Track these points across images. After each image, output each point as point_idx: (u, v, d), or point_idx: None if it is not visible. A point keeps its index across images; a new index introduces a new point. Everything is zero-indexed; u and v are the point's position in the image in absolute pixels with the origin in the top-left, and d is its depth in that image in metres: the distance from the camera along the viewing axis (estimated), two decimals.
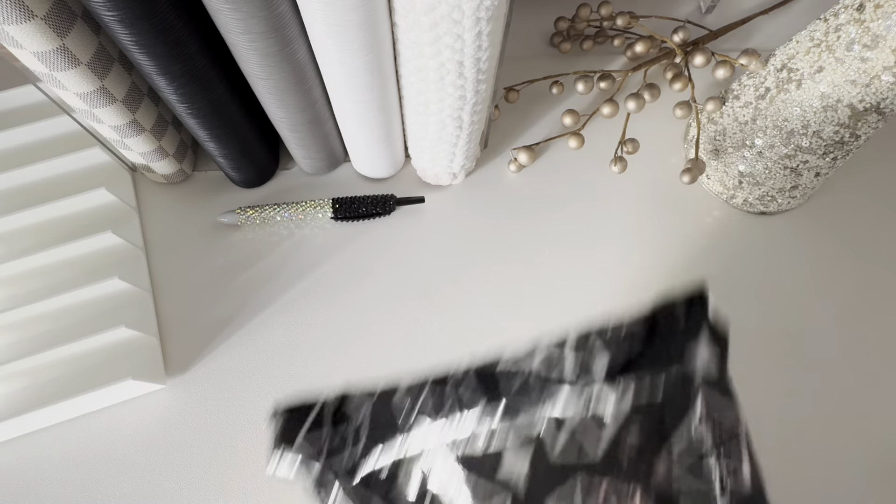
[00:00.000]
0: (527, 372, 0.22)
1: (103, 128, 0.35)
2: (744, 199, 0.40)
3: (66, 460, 0.35)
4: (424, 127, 0.35)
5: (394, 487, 0.22)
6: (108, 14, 0.26)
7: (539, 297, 0.39)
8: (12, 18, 0.26)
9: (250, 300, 0.39)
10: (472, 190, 0.42)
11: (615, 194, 0.42)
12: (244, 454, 0.35)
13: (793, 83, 0.33)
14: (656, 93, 0.38)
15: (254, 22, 0.27)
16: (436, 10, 0.26)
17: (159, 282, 0.39)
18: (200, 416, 0.36)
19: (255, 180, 0.41)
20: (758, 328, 0.38)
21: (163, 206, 0.41)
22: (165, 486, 0.34)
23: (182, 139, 0.40)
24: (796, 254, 0.40)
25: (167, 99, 0.32)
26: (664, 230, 0.41)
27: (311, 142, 0.38)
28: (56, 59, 0.29)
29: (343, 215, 0.40)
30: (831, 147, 0.34)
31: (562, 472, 0.21)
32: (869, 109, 0.31)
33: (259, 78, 0.31)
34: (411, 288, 0.39)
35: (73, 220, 0.39)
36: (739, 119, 0.37)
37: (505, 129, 0.44)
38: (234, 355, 0.37)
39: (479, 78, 0.30)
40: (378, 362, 0.37)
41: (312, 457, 0.22)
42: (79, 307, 0.37)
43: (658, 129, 0.44)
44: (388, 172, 0.42)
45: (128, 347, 0.36)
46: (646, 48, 0.43)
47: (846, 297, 0.39)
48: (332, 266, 0.40)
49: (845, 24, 0.30)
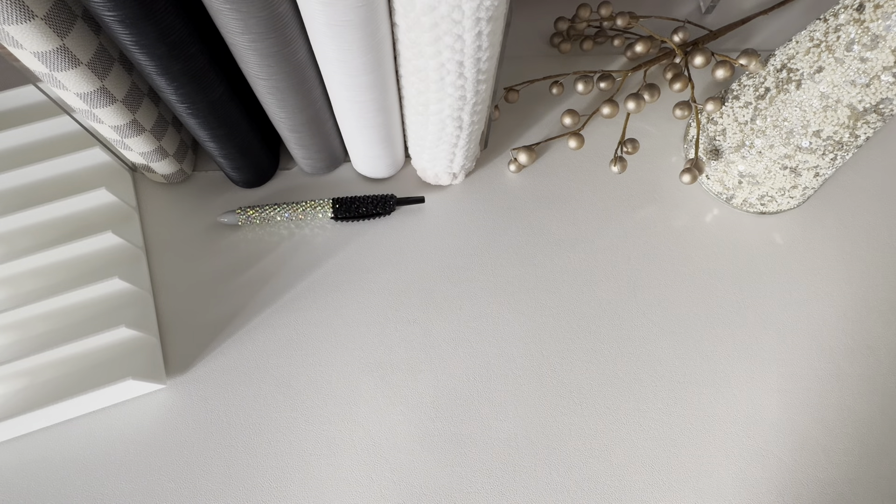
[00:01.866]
0: None
1: (103, 128, 0.35)
2: (744, 199, 0.40)
3: (66, 460, 0.35)
4: (424, 127, 0.35)
5: None
6: (108, 14, 0.26)
7: (539, 296, 0.39)
8: (12, 18, 0.26)
9: (250, 300, 0.39)
10: (472, 190, 0.42)
11: (615, 194, 0.42)
12: (244, 454, 0.35)
13: (792, 83, 0.33)
14: (656, 93, 0.38)
15: (254, 22, 0.27)
16: (436, 10, 0.26)
17: (159, 282, 0.39)
18: (200, 416, 0.36)
19: (255, 180, 0.41)
20: (757, 328, 0.38)
21: (163, 206, 0.41)
22: (165, 486, 0.34)
23: (182, 139, 0.40)
24: (796, 254, 0.40)
25: (167, 99, 0.32)
26: (664, 230, 0.41)
27: (311, 142, 0.38)
28: (56, 60, 0.29)
29: (343, 215, 0.40)
30: (831, 147, 0.34)
31: None
32: (869, 109, 0.31)
33: (259, 78, 0.31)
34: (411, 288, 0.39)
35: (73, 220, 0.39)
36: (739, 119, 0.37)
37: (505, 129, 0.44)
38: (234, 355, 0.37)
39: (479, 78, 0.30)
40: (378, 363, 0.37)
41: None
42: (79, 307, 0.37)
43: (658, 129, 0.44)
44: (388, 172, 0.42)
45: (128, 347, 0.36)
46: (646, 48, 0.43)
47: (846, 297, 0.39)
48: (332, 266, 0.40)
49: (845, 25, 0.30)
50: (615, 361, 0.37)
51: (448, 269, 0.40)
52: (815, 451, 0.35)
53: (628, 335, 0.38)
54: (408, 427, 0.36)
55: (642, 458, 0.35)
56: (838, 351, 0.38)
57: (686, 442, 0.35)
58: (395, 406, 0.36)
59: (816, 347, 0.38)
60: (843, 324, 0.38)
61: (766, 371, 0.37)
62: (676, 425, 0.36)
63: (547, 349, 0.38)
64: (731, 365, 0.37)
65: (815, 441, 0.35)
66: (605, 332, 0.38)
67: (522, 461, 0.35)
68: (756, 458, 0.35)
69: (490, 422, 0.36)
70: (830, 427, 0.36)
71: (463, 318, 0.38)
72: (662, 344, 0.38)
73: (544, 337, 0.38)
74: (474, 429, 0.36)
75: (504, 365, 0.37)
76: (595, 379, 0.37)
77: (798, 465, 0.35)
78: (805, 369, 0.37)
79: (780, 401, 0.36)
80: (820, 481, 0.35)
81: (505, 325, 0.38)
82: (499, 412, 0.36)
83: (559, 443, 0.35)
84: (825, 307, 0.39)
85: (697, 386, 0.37)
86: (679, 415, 0.36)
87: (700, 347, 0.38)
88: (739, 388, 0.37)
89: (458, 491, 0.34)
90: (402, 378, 0.37)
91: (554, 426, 0.36)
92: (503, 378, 0.37)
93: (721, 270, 0.40)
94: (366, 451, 0.35)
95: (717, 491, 0.34)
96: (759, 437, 0.35)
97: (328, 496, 0.34)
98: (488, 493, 0.34)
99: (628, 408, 0.36)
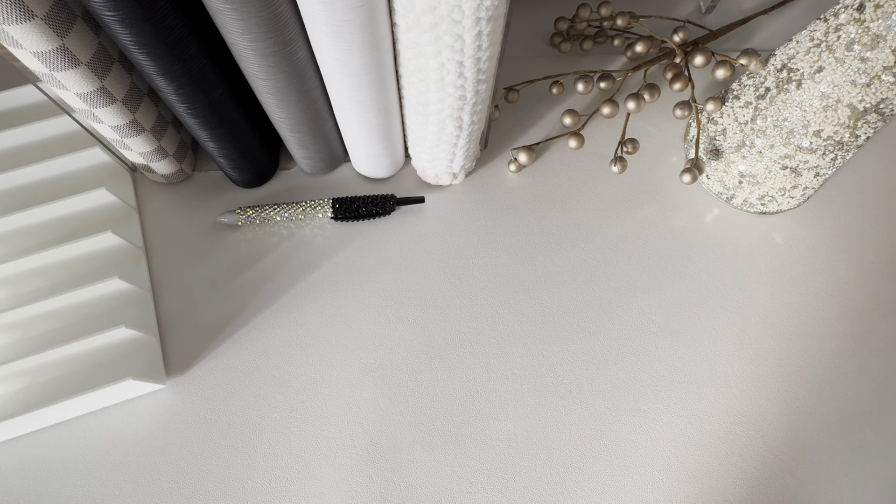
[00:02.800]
0: None
1: (103, 128, 0.35)
2: (744, 199, 0.40)
3: (66, 460, 0.35)
4: (424, 127, 0.35)
5: None
6: (108, 14, 0.26)
7: (539, 296, 0.39)
8: (12, 18, 0.26)
9: (250, 300, 0.39)
10: (472, 190, 0.42)
11: (615, 194, 0.42)
12: (244, 454, 0.35)
13: (793, 83, 0.33)
14: (656, 93, 0.38)
15: (254, 22, 0.27)
16: (436, 10, 0.26)
17: (159, 282, 0.39)
18: (200, 416, 0.36)
19: (255, 180, 0.41)
20: (757, 328, 0.38)
21: (163, 206, 0.41)
22: (165, 486, 0.34)
23: (182, 139, 0.40)
24: (796, 254, 0.40)
25: (167, 99, 0.32)
26: (664, 230, 0.41)
27: (310, 142, 0.38)
28: (56, 59, 0.29)
29: (343, 215, 0.40)
30: (831, 147, 0.34)
31: None
32: (869, 109, 0.31)
33: (259, 78, 0.31)
34: (411, 288, 0.39)
35: (73, 220, 0.39)
36: (739, 119, 0.37)
37: (505, 129, 0.44)
38: (234, 355, 0.37)
39: (479, 78, 0.30)
40: (378, 363, 0.37)
41: None
42: (79, 307, 0.37)
43: (658, 129, 0.44)
44: (388, 172, 0.42)
45: (128, 347, 0.36)
46: (646, 48, 0.43)
47: (846, 297, 0.39)
48: (332, 266, 0.40)
49: (845, 24, 0.30)
50: (615, 361, 0.37)
51: (448, 269, 0.40)
52: (815, 450, 0.35)
53: (628, 335, 0.38)
54: (408, 427, 0.36)
55: (642, 458, 0.35)
56: (838, 351, 0.38)
57: (686, 442, 0.35)
58: (395, 406, 0.36)
59: (816, 347, 0.38)
60: (843, 324, 0.38)
61: (766, 371, 0.37)
62: (676, 425, 0.36)
63: (547, 349, 0.38)
64: (731, 365, 0.37)
65: (815, 441, 0.35)
66: (605, 332, 0.38)
67: (522, 461, 0.35)
68: (756, 458, 0.35)
69: (490, 422, 0.36)
70: (831, 427, 0.36)
71: (463, 318, 0.38)
72: (662, 344, 0.38)
73: (544, 337, 0.38)
74: (474, 429, 0.36)
75: (504, 365, 0.37)
76: (595, 379, 0.37)
77: (798, 465, 0.35)
78: (805, 369, 0.37)
79: (780, 401, 0.36)
80: (820, 481, 0.35)
81: (505, 325, 0.38)
82: (499, 412, 0.36)
83: (559, 443, 0.35)
84: (825, 307, 0.39)
85: (697, 386, 0.37)
86: (679, 415, 0.36)
87: (700, 347, 0.38)
88: (739, 388, 0.37)
89: (458, 491, 0.34)
90: (402, 378, 0.37)
91: (554, 426, 0.36)
92: (503, 378, 0.37)
93: (721, 270, 0.40)
94: (366, 451, 0.35)
95: (718, 491, 0.34)
96: (759, 437, 0.35)
97: (328, 496, 0.34)
98: (488, 493, 0.34)
99: (628, 408, 0.36)
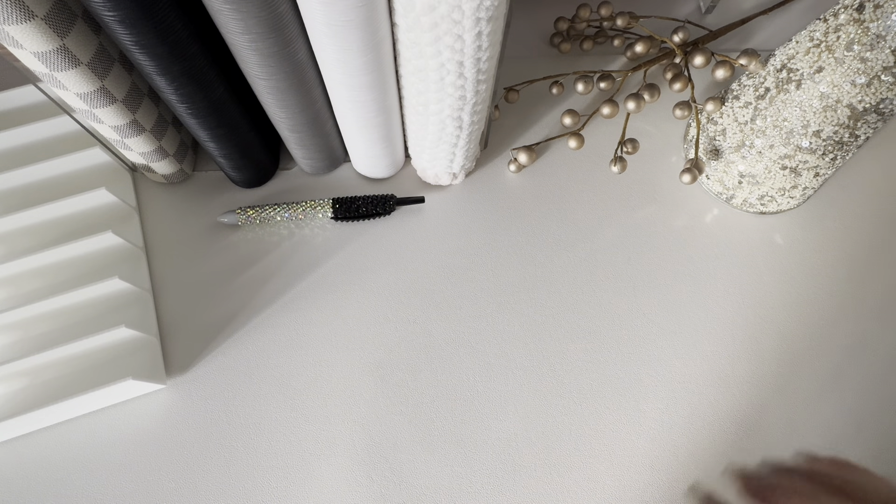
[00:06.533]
0: None
1: (103, 128, 0.35)
2: (744, 199, 0.40)
3: (66, 460, 0.35)
4: (424, 127, 0.35)
5: None
6: (108, 14, 0.26)
7: (539, 296, 0.39)
8: (12, 18, 0.26)
9: (250, 300, 0.39)
10: (472, 190, 0.42)
11: (615, 194, 0.42)
12: (244, 454, 0.35)
13: (792, 83, 0.33)
14: (656, 93, 0.38)
15: (254, 22, 0.27)
16: (436, 10, 0.26)
17: (159, 282, 0.39)
18: (200, 415, 0.36)
19: (255, 180, 0.41)
20: (757, 328, 0.38)
21: (163, 206, 0.41)
22: (165, 486, 0.34)
23: (182, 139, 0.40)
24: (796, 254, 0.40)
25: (167, 99, 0.32)
26: (664, 230, 0.41)
27: (311, 142, 0.38)
28: (56, 60, 0.29)
29: (343, 215, 0.40)
30: (831, 147, 0.34)
31: None
32: (869, 109, 0.31)
33: (259, 78, 0.31)
34: (411, 288, 0.39)
35: (73, 220, 0.39)
36: (739, 119, 0.37)
37: (505, 129, 0.44)
38: (235, 355, 0.37)
39: (479, 78, 0.30)
40: (378, 363, 0.37)
41: None
42: (79, 307, 0.37)
43: (658, 129, 0.44)
44: (388, 172, 0.42)
45: (128, 347, 0.36)
46: (646, 48, 0.43)
47: (846, 297, 0.39)
48: (332, 266, 0.40)
49: (845, 25, 0.30)
50: (615, 361, 0.37)
51: (448, 269, 0.40)
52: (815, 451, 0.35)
53: (628, 335, 0.38)
54: (408, 427, 0.36)
55: (642, 457, 0.35)
56: (838, 351, 0.38)
57: (686, 442, 0.35)
58: (395, 406, 0.36)
59: (816, 347, 0.38)
60: (843, 324, 0.38)
61: (766, 371, 0.37)
62: (676, 425, 0.36)
63: (547, 349, 0.38)
64: (732, 365, 0.37)
65: (815, 441, 0.35)
66: (604, 332, 0.38)
67: (522, 461, 0.35)
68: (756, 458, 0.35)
69: (490, 422, 0.36)
70: (831, 427, 0.36)
71: (463, 318, 0.38)
72: (662, 344, 0.38)
73: (544, 337, 0.38)
74: (474, 429, 0.36)
75: (504, 365, 0.37)
76: (595, 379, 0.37)
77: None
78: (805, 369, 0.37)
79: (780, 401, 0.36)
80: None
81: (505, 325, 0.38)
82: (499, 412, 0.36)
83: (559, 443, 0.35)
84: (825, 307, 0.39)
85: (697, 386, 0.37)
86: (679, 415, 0.36)
87: (700, 347, 0.38)
88: (739, 389, 0.37)
89: (458, 491, 0.34)
90: (402, 378, 0.37)
91: (554, 426, 0.36)
92: (503, 378, 0.37)
93: (721, 270, 0.40)
94: (366, 451, 0.35)
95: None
96: (759, 437, 0.35)
97: (328, 496, 0.34)
98: (488, 493, 0.34)
99: (628, 408, 0.36)
